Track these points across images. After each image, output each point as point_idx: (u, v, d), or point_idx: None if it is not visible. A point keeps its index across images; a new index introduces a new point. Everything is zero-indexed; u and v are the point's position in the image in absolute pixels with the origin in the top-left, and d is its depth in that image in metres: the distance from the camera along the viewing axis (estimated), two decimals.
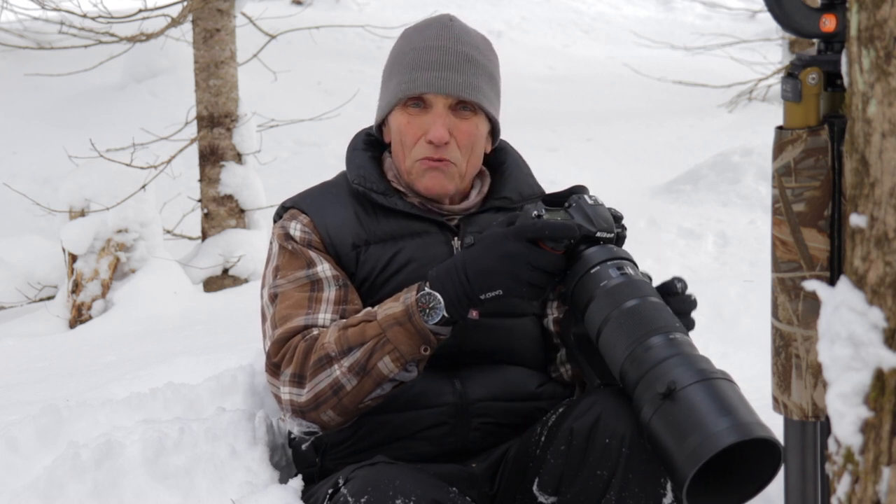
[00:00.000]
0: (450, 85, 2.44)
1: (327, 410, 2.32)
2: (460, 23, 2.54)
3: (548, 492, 2.24)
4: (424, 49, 2.47)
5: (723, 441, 2.00)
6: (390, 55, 2.55)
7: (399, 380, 2.31)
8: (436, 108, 2.45)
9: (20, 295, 6.30)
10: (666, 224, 7.59)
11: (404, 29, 2.58)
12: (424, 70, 2.44)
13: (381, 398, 2.33)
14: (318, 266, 2.43)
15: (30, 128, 9.61)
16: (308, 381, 2.31)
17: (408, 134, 2.46)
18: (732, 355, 4.10)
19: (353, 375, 2.28)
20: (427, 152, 2.45)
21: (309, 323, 2.37)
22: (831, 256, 1.76)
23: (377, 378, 2.29)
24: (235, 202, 6.56)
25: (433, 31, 2.50)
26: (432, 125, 2.44)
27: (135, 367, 3.78)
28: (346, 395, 2.30)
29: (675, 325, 2.22)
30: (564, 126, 10.34)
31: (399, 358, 2.27)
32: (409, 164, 2.47)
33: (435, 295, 2.25)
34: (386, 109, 2.50)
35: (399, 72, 2.48)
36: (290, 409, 2.34)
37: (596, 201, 2.37)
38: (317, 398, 2.31)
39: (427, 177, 2.46)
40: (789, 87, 1.78)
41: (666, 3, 16.26)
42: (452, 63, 2.45)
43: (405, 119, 2.46)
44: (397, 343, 2.26)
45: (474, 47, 2.50)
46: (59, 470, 2.41)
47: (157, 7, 6.80)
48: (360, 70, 11.02)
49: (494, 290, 2.24)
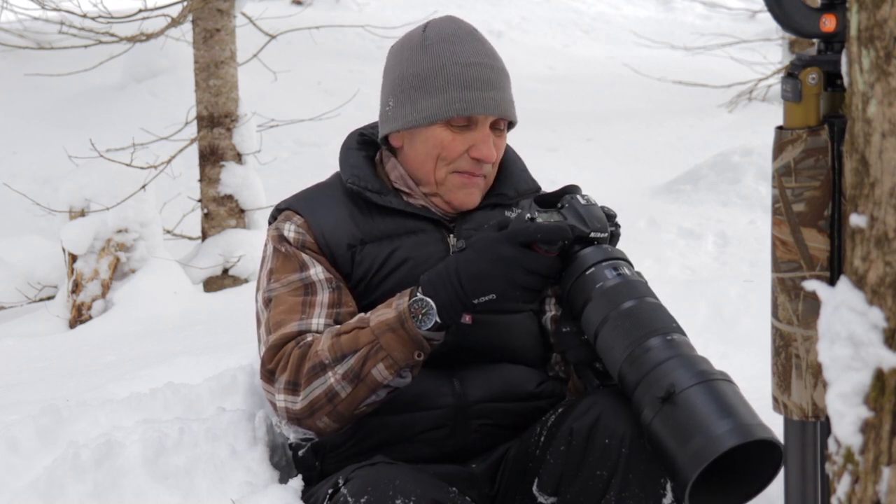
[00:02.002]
0: (500, 106, 2.46)
1: (322, 417, 2.32)
2: (479, 33, 2.54)
3: (547, 492, 2.24)
4: (469, 66, 2.46)
5: (725, 444, 2.00)
6: (413, 65, 2.48)
7: (393, 385, 2.31)
8: (483, 127, 2.46)
9: (20, 295, 6.30)
10: (666, 224, 7.59)
11: (422, 37, 2.51)
12: (477, 90, 2.44)
13: (377, 403, 2.34)
14: (311, 269, 2.43)
15: (30, 128, 9.62)
16: (303, 389, 2.31)
17: (451, 150, 2.46)
18: (732, 355, 4.09)
19: (348, 383, 2.28)
20: (469, 167, 2.47)
21: (303, 328, 2.37)
22: (831, 256, 1.76)
23: (371, 385, 2.29)
24: (235, 202, 6.56)
25: (469, 46, 2.48)
26: (481, 144, 2.45)
27: (135, 367, 3.78)
28: (340, 402, 2.30)
29: (673, 325, 2.22)
30: (564, 126, 10.34)
31: (393, 365, 2.27)
32: (442, 175, 2.47)
33: (427, 301, 2.25)
34: (422, 122, 2.46)
35: (444, 89, 2.45)
36: (286, 416, 2.34)
37: (589, 201, 2.37)
38: (312, 405, 2.31)
39: (464, 192, 2.48)
40: (789, 87, 1.78)
41: (666, 3, 16.26)
42: (497, 82, 2.47)
43: (449, 136, 2.46)
44: (391, 350, 2.26)
45: (499, 58, 2.52)
46: (59, 470, 2.41)
47: (157, 7, 6.80)
48: (360, 70, 11.02)
49: (488, 295, 2.24)
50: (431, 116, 2.45)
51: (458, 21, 2.54)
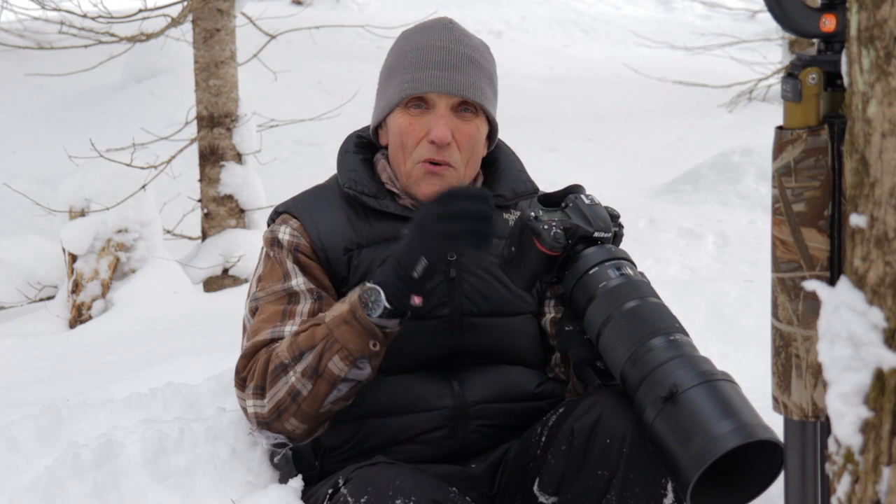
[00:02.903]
0: (453, 85, 2.42)
1: (290, 419, 2.33)
2: (459, 26, 2.53)
3: (548, 492, 2.24)
4: (427, 49, 2.45)
5: (727, 444, 2.00)
6: (388, 57, 2.53)
7: (353, 379, 2.31)
8: (438, 109, 2.42)
9: (20, 295, 6.30)
10: (666, 224, 7.60)
11: (402, 31, 2.56)
12: (427, 69, 2.42)
13: (342, 402, 2.34)
14: (294, 280, 2.43)
15: (30, 128, 9.61)
16: (268, 392, 2.33)
17: (409, 135, 2.42)
18: (732, 355, 4.09)
19: (308, 380, 2.29)
20: (429, 153, 2.42)
21: (275, 335, 2.38)
22: (831, 256, 1.76)
23: (330, 379, 2.29)
24: (235, 202, 6.56)
25: (434, 33, 2.48)
26: (435, 125, 2.41)
27: (135, 367, 3.78)
28: (304, 401, 2.31)
29: (676, 325, 2.22)
30: (564, 126, 10.34)
31: (348, 356, 2.27)
32: (409, 166, 2.44)
33: (375, 288, 2.27)
34: (385, 110, 2.47)
35: (400, 72, 2.46)
36: (256, 421, 2.37)
37: (593, 200, 2.36)
38: (277, 407, 2.33)
39: (425, 183, 2.43)
40: (789, 87, 1.78)
41: (666, 3, 16.26)
42: (455, 63, 2.43)
43: (406, 120, 2.43)
44: (345, 342, 2.27)
45: (475, 49, 2.49)
46: (59, 470, 2.41)
47: (157, 7, 6.80)
48: (360, 70, 11.02)
49: (419, 263, 2.24)
50: (390, 102, 2.45)
51: (446, 18, 2.54)
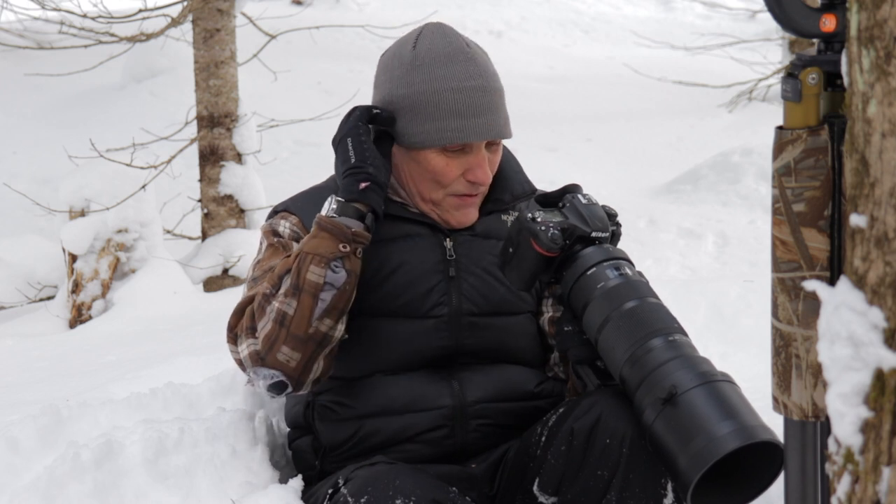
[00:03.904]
0: (494, 130, 2.43)
1: (282, 348, 2.33)
2: (475, 46, 2.49)
3: (548, 492, 2.24)
4: (463, 91, 2.41)
5: (727, 445, 2.00)
6: (408, 87, 2.44)
7: (332, 283, 2.32)
8: (478, 151, 2.43)
9: (20, 295, 6.30)
10: (666, 224, 7.60)
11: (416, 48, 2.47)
12: (470, 118, 2.41)
13: (330, 315, 2.33)
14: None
15: (30, 128, 9.62)
16: (258, 325, 2.35)
17: (446, 175, 2.44)
18: (732, 355, 4.09)
19: (292, 298, 2.32)
20: (465, 189, 2.45)
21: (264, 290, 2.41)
22: (831, 256, 1.76)
23: (312, 289, 2.31)
24: (235, 202, 6.56)
25: (461, 67, 2.43)
26: (477, 168, 2.43)
27: (135, 367, 3.79)
28: (291, 322, 2.32)
29: (675, 325, 2.22)
30: (564, 126, 10.35)
31: (321, 260, 2.32)
32: (438, 196, 2.46)
33: (332, 197, 2.38)
34: (416, 147, 2.44)
35: (438, 116, 2.41)
36: (251, 360, 2.35)
37: (590, 200, 2.36)
38: (269, 337, 2.33)
39: (461, 213, 2.47)
40: (789, 87, 1.78)
41: (666, 3, 16.26)
42: (491, 105, 2.43)
43: (443, 161, 2.43)
44: (316, 251, 2.32)
45: (494, 76, 2.47)
46: (59, 470, 2.41)
47: (157, 7, 6.80)
48: (360, 70, 11.02)
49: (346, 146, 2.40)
50: (425, 142, 2.42)
51: (450, 35, 2.48)
